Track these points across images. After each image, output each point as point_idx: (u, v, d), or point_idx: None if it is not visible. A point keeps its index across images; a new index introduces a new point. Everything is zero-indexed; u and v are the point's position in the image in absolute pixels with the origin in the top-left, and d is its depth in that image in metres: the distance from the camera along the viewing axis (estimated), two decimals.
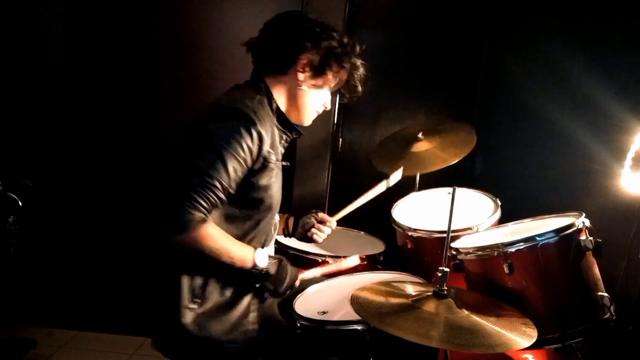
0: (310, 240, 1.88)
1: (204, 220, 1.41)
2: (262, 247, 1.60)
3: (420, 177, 2.49)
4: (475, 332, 1.28)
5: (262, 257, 1.53)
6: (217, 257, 1.45)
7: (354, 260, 1.84)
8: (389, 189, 2.07)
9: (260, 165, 1.50)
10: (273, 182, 1.55)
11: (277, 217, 1.72)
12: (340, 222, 2.55)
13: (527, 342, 1.28)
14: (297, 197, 2.95)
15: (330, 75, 1.59)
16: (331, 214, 1.96)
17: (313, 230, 1.85)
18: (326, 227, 1.88)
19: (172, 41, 2.87)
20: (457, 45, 2.89)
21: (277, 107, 1.60)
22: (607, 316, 1.55)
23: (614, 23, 2.21)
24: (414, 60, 2.93)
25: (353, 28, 2.82)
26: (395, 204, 2.27)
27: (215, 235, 1.45)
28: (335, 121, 2.90)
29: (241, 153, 1.44)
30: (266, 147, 1.49)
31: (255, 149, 1.47)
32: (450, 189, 1.51)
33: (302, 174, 2.95)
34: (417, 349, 1.29)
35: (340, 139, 2.98)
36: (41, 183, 2.46)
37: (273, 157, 1.53)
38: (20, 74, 2.85)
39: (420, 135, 2.41)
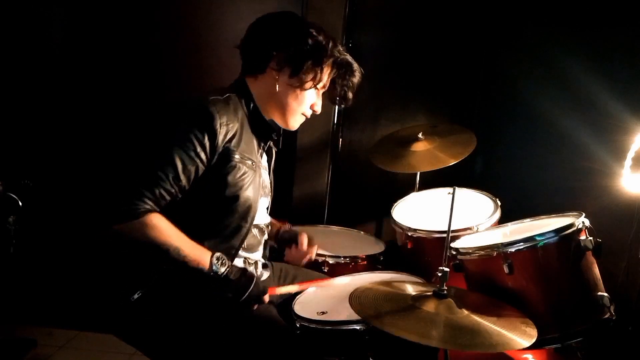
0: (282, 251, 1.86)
1: (148, 211, 1.40)
2: (234, 253, 1.56)
3: (420, 177, 2.49)
4: (475, 331, 1.28)
5: (220, 261, 1.46)
6: (164, 251, 1.41)
7: (340, 281, 1.82)
8: (390, 189, 2.07)
9: (218, 161, 1.47)
10: (237, 182, 1.51)
11: (261, 222, 1.69)
12: (339, 223, 2.56)
13: (527, 342, 1.28)
14: (297, 196, 2.95)
15: (307, 75, 1.54)
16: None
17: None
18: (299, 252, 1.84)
19: (172, 41, 2.88)
20: (457, 45, 2.89)
21: (255, 108, 1.59)
22: (607, 316, 1.55)
23: (613, 24, 2.21)
24: (414, 60, 2.93)
25: (353, 28, 2.82)
26: (395, 204, 2.27)
27: (163, 228, 1.41)
28: (335, 121, 2.90)
29: (191, 147, 1.43)
30: (222, 142, 1.47)
31: (207, 143, 1.44)
32: (450, 189, 1.51)
33: (302, 174, 2.95)
34: (417, 349, 1.29)
35: (340, 139, 2.98)
36: (41, 183, 2.46)
37: (237, 156, 1.50)
38: (21, 73, 2.86)
39: (420, 135, 2.41)
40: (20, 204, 2.21)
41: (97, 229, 1.45)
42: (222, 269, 1.45)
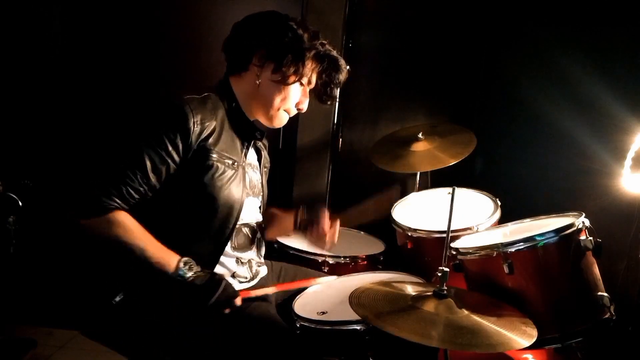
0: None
1: (114, 209, 1.39)
2: (217, 253, 1.55)
3: (420, 177, 2.49)
4: (475, 331, 1.28)
5: (187, 266, 1.42)
6: (128, 250, 1.39)
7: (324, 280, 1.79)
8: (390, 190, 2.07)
9: (193, 160, 1.46)
10: (216, 181, 1.49)
11: (252, 221, 1.67)
12: (339, 223, 2.54)
13: (527, 342, 1.28)
14: (296, 196, 2.95)
15: (289, 69, 1.52)
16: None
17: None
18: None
19: (172, 42, 2.88)
20: (457, 45, 2.89)
21: (237, 107, 1.58)
22: (607, 316, 1.55)
23: (614, 24, 2.21)
24: (414, 60, 2.93)
25: (353, 28, 2.83)
26: (396, 204, 2.27)
27: (129, 226, 1.39)
28: (335, 121, 2.90)
29: (162, 145, 1.42)
30: (197, 141, 1.45)
31: (180, 142, 1.43)
32: (450, 189, 1.51)
33: (302, 174, 2.95)
34: (417, 349, 1.29)
35: (340, 139, 2.98)
36: (41, 183, 2.46)
37: (214, 155, 1.48)
38: (21, 73, 2.86)
39: (420, 135, 2.41)
40: (20, 204, 2.21)
41: (65, 223, 1.44)
42: (189, 274, 1.41)
